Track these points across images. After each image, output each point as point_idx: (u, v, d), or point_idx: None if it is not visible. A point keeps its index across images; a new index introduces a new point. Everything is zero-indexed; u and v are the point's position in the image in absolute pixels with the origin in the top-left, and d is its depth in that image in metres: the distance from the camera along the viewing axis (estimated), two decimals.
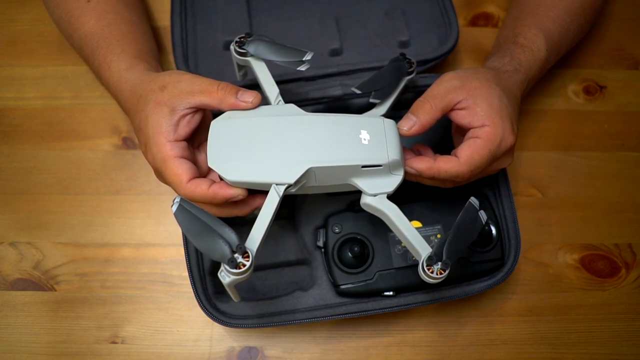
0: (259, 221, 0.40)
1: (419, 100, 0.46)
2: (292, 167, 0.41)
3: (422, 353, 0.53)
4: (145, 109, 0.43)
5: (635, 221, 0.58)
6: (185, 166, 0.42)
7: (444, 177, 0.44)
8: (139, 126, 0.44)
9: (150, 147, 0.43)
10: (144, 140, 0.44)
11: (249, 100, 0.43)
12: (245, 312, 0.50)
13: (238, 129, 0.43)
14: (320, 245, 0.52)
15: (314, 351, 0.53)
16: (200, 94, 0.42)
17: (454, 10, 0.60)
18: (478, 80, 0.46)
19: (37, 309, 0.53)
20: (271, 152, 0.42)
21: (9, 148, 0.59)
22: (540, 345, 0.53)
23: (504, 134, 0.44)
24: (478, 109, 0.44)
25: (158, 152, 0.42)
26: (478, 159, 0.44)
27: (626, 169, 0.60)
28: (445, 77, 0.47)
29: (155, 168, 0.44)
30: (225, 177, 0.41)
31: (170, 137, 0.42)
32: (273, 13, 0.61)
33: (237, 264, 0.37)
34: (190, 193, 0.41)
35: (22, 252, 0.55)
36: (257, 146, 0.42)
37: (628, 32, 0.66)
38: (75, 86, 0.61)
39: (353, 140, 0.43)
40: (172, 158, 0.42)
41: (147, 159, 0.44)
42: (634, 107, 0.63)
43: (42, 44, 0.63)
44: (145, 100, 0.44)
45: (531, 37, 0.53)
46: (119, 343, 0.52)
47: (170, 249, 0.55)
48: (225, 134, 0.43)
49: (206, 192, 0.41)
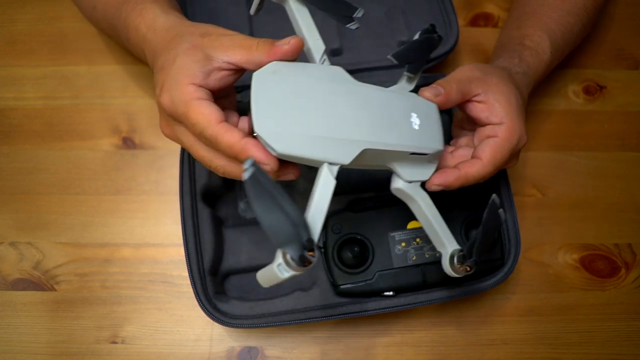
0: (315, 210, 0.35)
1: (444, 80, 0.44)
2: (347, 146, 0.37)
3: (422, 353, 0.53)
4: (177, 48, 0.39)
5: (635, 221, 0.58)
6: (214, 107, 0.37)
7: (472, 182, 0.43)
8: (162, 65, 0.39)
9: (169, 88, 0.38)
10: (161, 80, 0.39)
11: (288, 42, 0.38)
12: (245, 312, 0.50)
13: (286, 89, 0.37)
14: (320, 245, 0.52)
15: (314, 351, 0.53)
16: (242, 48, 0.38)
17: (454, 10, 0.60)
18: (497, 77, 0.46)
19: (37, 309, 0.53)
20: (325, 125, 0.37)
21: (9, 148, 0.59)
22: (540, 345, 0.53)
23: (520, 133, 0.44)
24: (497, 104, 0.44)
25: (179, 94, 0.37)
26: (500, 158, 0.43)
27: (626, 169, 0.60)
28: (466, 67, 0.46)
29: (172, 112, 0.38)
30: (275, 148, 0.35)
31: (197, 80, 0.37)
32: (273, 13, 0.61)
33: (306, 261, 0.32)
34: (218, 136, 0.36)
35: (22, 252, 0.55)
36: (308, 115, 0.36)
37: (628, 32, 0.66)
38: (75, 86, 0.61)
39: (405, 122, 0.40)
40: (197, 99, 0.37)
41: (161, 103, 0.39)
42: (634, 107, 0.63)
43: (42, 44, 0.63)
44: (180, 40, 0.39)
45: (537, 40, 0.53)
46: (119, 343, 0.52)
47: (170, 249, 0.55)
48: (272, 93, 0.36)
49: (236, 142, 0.36)
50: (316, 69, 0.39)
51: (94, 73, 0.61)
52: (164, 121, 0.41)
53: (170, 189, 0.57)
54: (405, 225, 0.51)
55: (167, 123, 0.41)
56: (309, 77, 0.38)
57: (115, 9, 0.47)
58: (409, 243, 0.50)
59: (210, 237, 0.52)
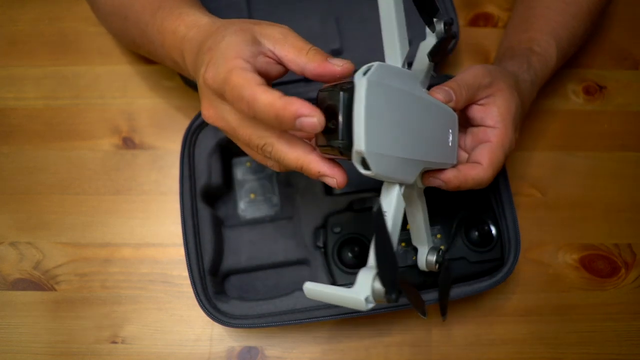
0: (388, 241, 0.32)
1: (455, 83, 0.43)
2: (413, 166, 0.36)
3: (422, 353, 0.53)
4: (226, 30, 0.38)
5: (635, 221, 0.58)
6: (256, 75, 0.35)
7: (470, 185, 0.43)
8: (209, 46, 0.38)
9: (215, 62, 0.36)
10: (207, 58, 0.37)
11: (341, 64, 0.36)
12: (246, 312, 0.50)
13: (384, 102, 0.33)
14: (320, 245, 0.52)
15: (314, 351, 0.53)
16: (292, 47, 0.37)
17: (455, 10, 0.60)
18: (505, 83, 0.46)
19: (37, 309, 0.53)
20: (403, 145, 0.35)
21: (9, 148, 0.59)
22: (540, 345, 0.53)
23: (511, 141, 0.45)
24: (495, 109, 0.44)
25: (224, 65, 0.35)
26: (497, 162, 0.44)
27: (626, 169, 0.60)
28: (479, 71, 0.44)
29: (215, 85, 0.36)
30: (372, 168, 0.32)
31: (244, 56, 0.36)
32: (273, 14, 0.61)
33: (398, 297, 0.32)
34: (256, 95, 0.34)
35: (22, 252, 0.55)
36: (395, 134, 0.34)
37: (628, 32, 0.66)
38: (75, 86, 0.61)
39: (444, 140, 0.41)
40: (241, 68, 0.35)
41: (206, 79, 0.37)
42: (634, 107, 0.63)
43: (42, 44, 0.63)
44: (230, 25, 0.38)
45: (544, 45, 0.53)
46: (119, 343, 0.52)
47: (170, 249, 0.55)
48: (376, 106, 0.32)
49: (277, 98, 0.33)
50: (404, 77, 0.36)
51: (94, 73, 0.61)
52: (207, 102, 0.39)
53: (170, 189, 0.57)
54: (405, 226, 0.51)
55: (210, 103, 0.38)
56: (399, 87, 0.35)
57: (149, 15, 0.47)
58: (409, 243, 0.50)
59: (210, 237, 0.52)
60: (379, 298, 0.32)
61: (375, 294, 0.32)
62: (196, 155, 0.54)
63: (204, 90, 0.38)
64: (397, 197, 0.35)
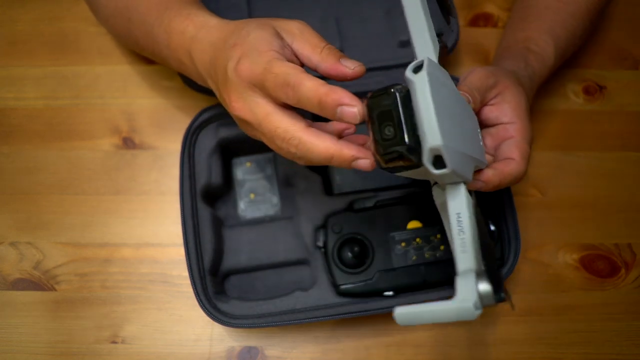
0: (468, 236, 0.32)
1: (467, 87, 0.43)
2: (470, 162, 0.35)
3: (422, 353, 0.53)
4: (248, 27, 0.39)
5: (635, 221, 0.58)
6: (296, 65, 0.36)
7: (508, 181, 0.43)
8: (234, 43, 0.39)
9: (249, 55, 0.37)
10: (237, 53, 0.38)
11: (352, 67, 0.37)
12: (246, 312, 0.50)
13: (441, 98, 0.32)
14: (320, 245, 0.52)
15: (314, 351, 0.53)
16: (308, 43, 0.38)
17: (455, 10, 0.60)
18: (508, 80, 0.46)
19: (37, 309, 0.53)
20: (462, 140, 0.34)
21: (9, 148, 0.59)
22: (540, 345, 0.53)
23: (530, 130, 0.45)
24: (507, 105, 0.44)
25: (259, 57, 0.36)
26: (526, 154, 0.44)
27: (626, 169, 0.60)
28: (482, 74, 0.45)
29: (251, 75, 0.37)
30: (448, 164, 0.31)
31: (276, 47, 0.37)
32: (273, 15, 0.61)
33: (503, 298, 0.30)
34: (303, 79, 0.35)
35: (22, 252, 0.55)
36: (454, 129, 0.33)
37: (628, 32, 0.66)
38: (75, 86, 0.61)
39: (479, 138, 0.41)
40: (279, 59, 0.36)
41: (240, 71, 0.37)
42: (634, 107, 0.63)
43: (42, 44, 0.63)
44: (248, 22, 0.39)
45: (542, 44, 0.53)
46: (119, 343, 0.52)
47: (170, 249, 0.55)
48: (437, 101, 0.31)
49: (321, 84, 0.35)
50: (444, 73, 0.35)
51: (94, 73, 0.61)
52: (236, 94, 0.39)
53: (170, 189, 0.57)
54: (405, 225, 0.51)
55: (240, 95, 0.39)
56: (446, 83, 0.34)
57: (155, 17, 0.47)
58: (409, 243, 0.50)
59: (210, 237, 0.52)
60: (487, 301, 0.30)
61: (483, 297, 0.30)
62: (196, 155, 0.54)
63: (234, 83, 0.39)
64: (466, 195, 0.34)
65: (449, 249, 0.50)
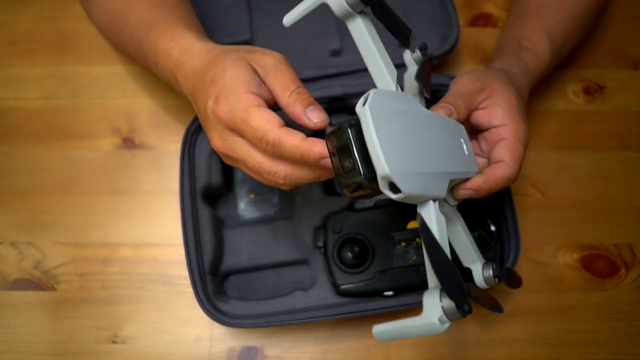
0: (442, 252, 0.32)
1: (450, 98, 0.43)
2: (440, 179, 0.36)
3: (422, 353, 0.53)
4: (225, 62, 0.39)
5: (635, 221, 0.58)
6: (273, 113, 0.37)
7: (500, 185, 0.42)
8: (212, 79, 0.39)
9: (226, 97, 0.38)
10: (215, 92, 0.38)
11: (315, 121, 0.38)
12: (246, 312, 0.50)
13: (392, 124, 0.33)
14: (320, 245, 0.52)
15: (314, 351, 0.53)
16: (277, 82, 0.39)
17: (455, 10, 0.60)
18: (496, 81, 0.46)
19: (37, 309, 0.53)
20: (425, 160, 0.35)
21: (9, 148, 0.59)
22: (540, 345, 0.53)
23: (525, 130, 0.44)
24: (497, 108, 0.44)
25: (237, 102, 0.37)
26: (518, 155, 0.43)
27: (626, 169, 0.60)
28: (466, 79, 0.45)
29: (230, 121, 0.38)
30: (403, 189, 0.32)
31: (253, 89, 0.38)
32: (273, 14, 0.61)
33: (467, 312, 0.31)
34: (282, 139, 0.36)
35: (22, 252, 0.55)
36: (413, 150, 0.34)
37: (628, 32, 0.66)
38: (75, 86, 0.61)
39: (461, 149, 0.41)
40: (257, 105, 0.37)
41: (218, 114, 0.38)
42: (634, 107, 0.63)
43: (42, 44, 0.63)
44: (227, 55, 0.40)
45: (536, 41, 0.53)
46: (118, 343, 0.52)
47: (170, 249, 0.55)
48: (386, 128, 0.32)
49: (302, 141, 0.36)
50: (401, 97, 0.36)
51: (94, 73, 0.61)
52: (216, 133, 0.40)
53: (170, 189, 0.57)
54: (405, 225, 0.51)
55: (220, 135, 0.40)
56: (401, 108, 0.35)
57: (144, 33, 0.47)
58: (409, 243, 0.50)
59: (210, 237, 0.52)
60: (452, 315, 0.31)
61: (447, 312, 0.31)
62: (196, 155, 0.54)
63: (213, 122, 0.40)
64: (435, 212, 0.35)
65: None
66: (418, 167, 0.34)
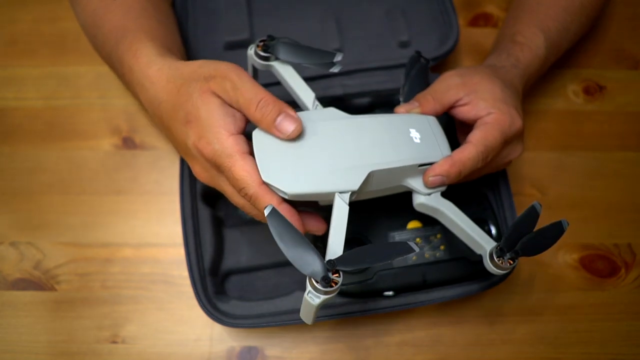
0: (335, 236, 0.38)
1: (421, 94, 0.47)
2: (352, 173, 0.39)
3: (422, 353, 0.53)
4: (192, 100, 0.40)
5: (635, 221, 0.58)
6: (255, 166, 0.38)
7: (469, 167, 0.43)
8: (186, 119, 0.40)
9: (210, 141, 0.39)
10: (197, 132, 0.40)
11: (288, 131, 0.39)
12: (246, 312, 0.50)
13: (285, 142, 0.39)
14: (320, 245, 0.52)
15: (314, 351, 0.53)
16: (240, 97, 0.39)
17: (455, 10, 0.60)
18: (478, 75, 0.47)
19: (37, 309, 0.53)
20: (327, 160, 0.39)
21: (10, 148, 0.59)
22: (540, 345, 0.53)
23: (512, 117, 0.45)
24: (481, 101, 0.45)
25: (221, 147, 0.38)
26: (491, 139, 0.44)
27: (626, 169, 0.60)
28: (445, 75, 0.48)
29: (215, 163, 0.40)
30: (285, 191, 0.38)
31: (232, 129, 0.39)
32: (273, 14, 0.61)
33: (331, 281, 0.35)
34: (259, 197, 0.38)
35: (22, 252, 0.55)
36: (310, 154, 0.39)
37: (628, 32, 0.66)
38: (75, 86, 0.61)
39: (405, 139, 0.42)
40: (241, 153, 0.38)
41: (204, 153, 0.40)
42: (634, 107, 0.63)
43: (42, 44, 0.63)
44: (188, 89, 0.40)
45: (529, 36, 0.53)
46: (119, 343, 0.52)
47: (170, 249, 0.55)
48: (272, 144, 0.39)
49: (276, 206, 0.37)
50: (308, 114, 0.41)
51: (95, 73, 0.61)
52: (201, 167, 0.42)
53: (170, 189, 0.57)
54: (405, 225, 0.51)
55: (205, 169, 0.42)
56: (307, 121, 0.40)
57: (114, 42, 0.48)
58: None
59: (210, 237, 0.52)
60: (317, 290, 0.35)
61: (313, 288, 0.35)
62: None
63: (197, 158, 0.41)
64: (337, 203, 0.39)
65: (448, 249, 0.50)
66: (309, 168, 0.38)
